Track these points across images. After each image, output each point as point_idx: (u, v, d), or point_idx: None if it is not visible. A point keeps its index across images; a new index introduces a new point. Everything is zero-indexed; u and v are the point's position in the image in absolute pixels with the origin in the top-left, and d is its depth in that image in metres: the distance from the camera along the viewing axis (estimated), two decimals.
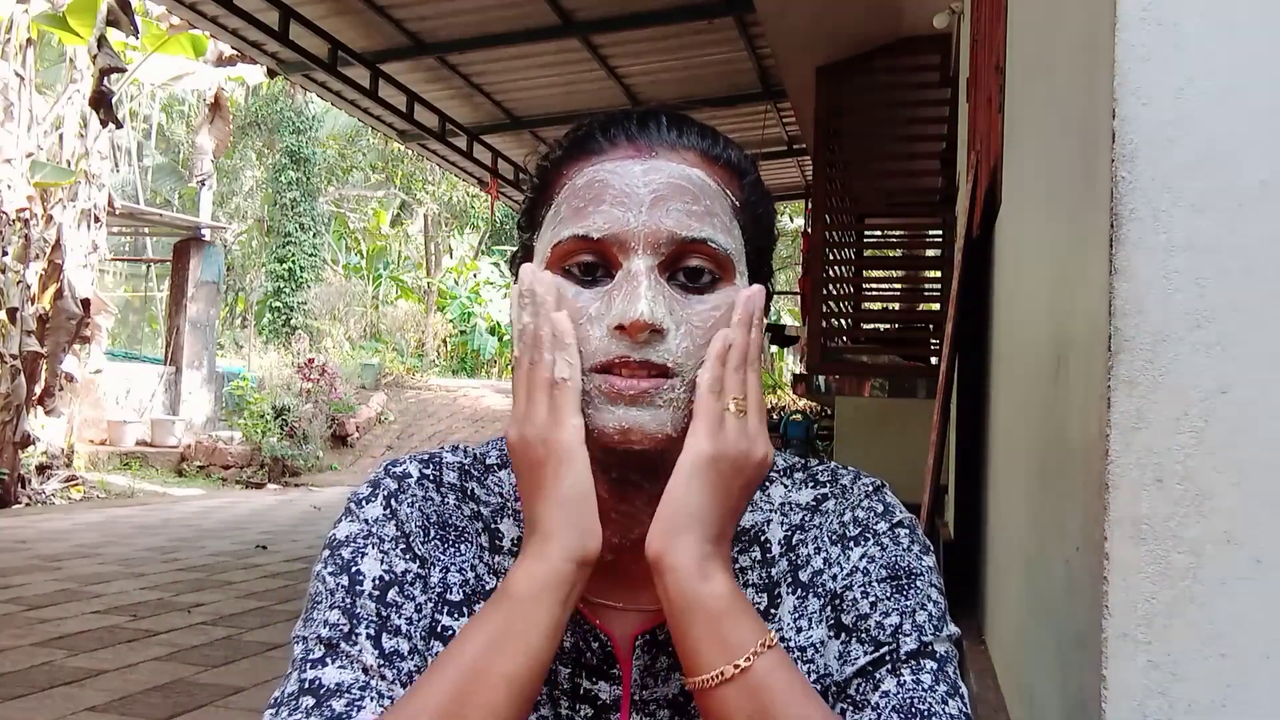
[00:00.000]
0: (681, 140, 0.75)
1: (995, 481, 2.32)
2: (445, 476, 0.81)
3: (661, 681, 0.77)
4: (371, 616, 0.72)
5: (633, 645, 0.77)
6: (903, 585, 0.75)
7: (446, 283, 21.49)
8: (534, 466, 0.69)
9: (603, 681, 0.76)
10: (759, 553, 0.79)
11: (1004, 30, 2.35)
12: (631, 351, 0.69)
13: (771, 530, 0.80)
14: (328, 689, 0.68)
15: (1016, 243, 1.98)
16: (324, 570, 0.75)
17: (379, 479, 0.79)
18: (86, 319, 9.34)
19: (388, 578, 0.74)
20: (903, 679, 0.70)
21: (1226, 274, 0.78)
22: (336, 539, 0.76)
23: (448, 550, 0.77)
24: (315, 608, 0.73)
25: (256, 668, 3.64)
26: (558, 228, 0.73)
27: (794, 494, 0.82)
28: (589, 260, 0.72)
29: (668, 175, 0.72)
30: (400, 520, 0.77)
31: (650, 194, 0.71)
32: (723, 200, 0.74)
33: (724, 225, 0.73)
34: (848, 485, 0.81)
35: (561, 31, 6.77)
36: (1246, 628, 0.76)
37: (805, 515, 0.80)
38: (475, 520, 0.80)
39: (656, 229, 0.70)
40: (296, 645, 0.73)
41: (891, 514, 0.79)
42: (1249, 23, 0.78)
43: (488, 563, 0.78)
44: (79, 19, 8.44)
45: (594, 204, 0.71)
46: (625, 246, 0.70)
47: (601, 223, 0.71)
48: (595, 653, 0.77)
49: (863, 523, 0.78)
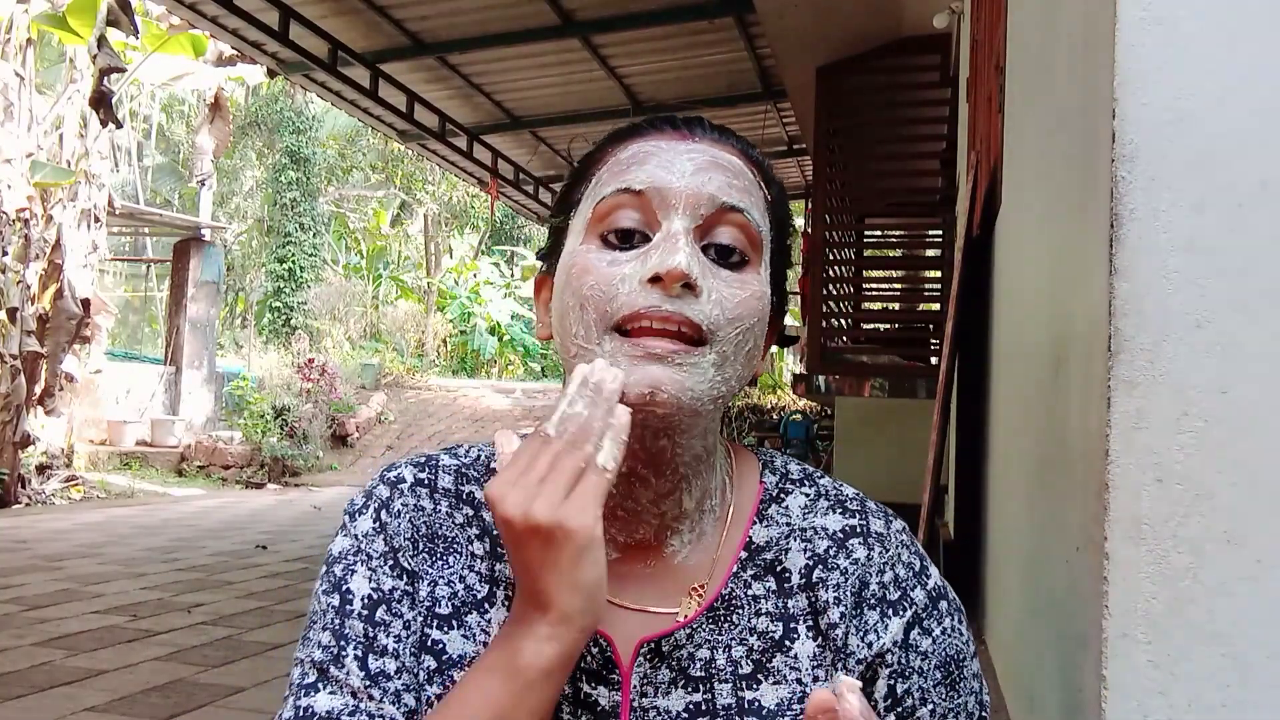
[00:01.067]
0: (721, 139, 0.78)
1: (995, 481, 2.32)
2: (440, 481, 0.80)
3: (662, 694, 0.75)
4: (359, 637, 0.73)
5: (635, 652, 0.75)
6: (954, 680, 0.77)
7: (446, 283, 21.49)
8: (544, 547, 0.65)
9: (602, 687, 0.75)
10: (774, 583, 0.77)
11: (1004, 30, 2.35)
12: (664, 302, 0.69)
13: (791, 559, 0.77)
14: (320, 717, 0.70)
15: (1016, 243, 1.98)
16: (319, 589, 0.76)
17: (373, 487, 0.79)
18: (86, 319, 9.34)
19: (375, 596, 0.74)
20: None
21: (1226, 274, 0.78)
22: (332, 555, 0.77)
23: (436, 563, 0.77)
24: (311, 628, 0.75)
25: (256, 668, 3.63)
26: (600, 188, 0.75)
27: (818, 517, 0.79)
28: (628, 227, 0.73)
29: (710, 155, 0.75)
30: (390, 534, 0.77)
31: (693, 165, 0.73)
32: (757, 191, 0.77)
33: (759, 207, 0.76)
34: (881, 531, 0.78)
35: (561, 31, 6.77)
36: (1246, 628, 0.76)
37: (830, 547, 0.77)
38: (469, 526, 0.79)
39: (698, 191, 0.72)
40: (294, 668, 0.74)
41: (926, 574, 0.78)
42: (1249, 23, 0.78)
43: (480, 571, 0.77)
44: (79, 19, 8.44)
45: (638, 165, 0.74)
46: (666, 203, 0.72)
47: (645, 177, 0.73)
48: (595, 657, 0.75)
49: (901, 585, 0.77)
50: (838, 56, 5.70)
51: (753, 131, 8.29)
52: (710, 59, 7.34)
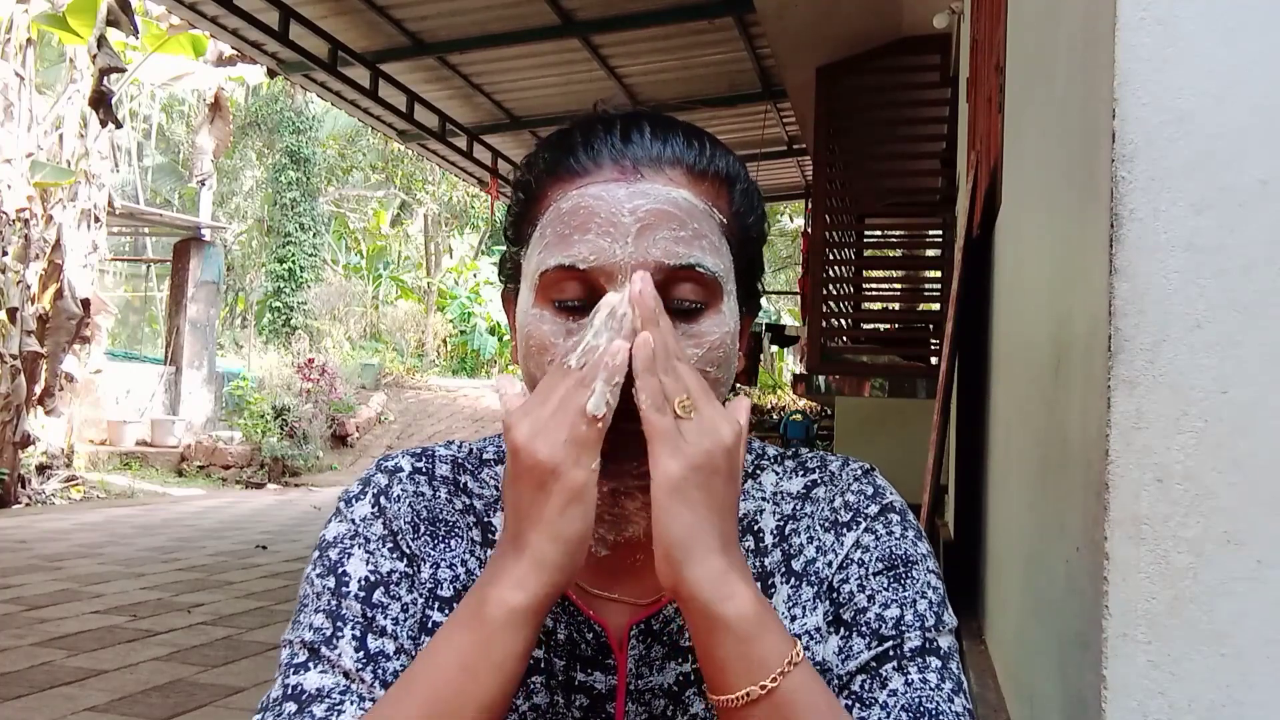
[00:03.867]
0: (666, 154, 0.73)
1: (995, 481, 2.32)
2: (438, 470, 0.81)
3: (656, 671, 0.77)
4: (356, 618, 0.73)
5: (627, 635, 0.77)
6: (900, 575, 0.75)
7: (446, 283, 21.49)
8: (537, 487, 0.65)
9: (597, 672, 0.77)
10: (752, 542, 0.80)
11: (1004, 30, 2.35)
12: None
13: (764, 520, 0.81)
14: (309, 694, 0.70)
15: (1016, 243, 1.98)
16: (312, 572, 0.76)
17: (370, 476, 0.80)
18: (86, 319, 9.34)
19: (373, 578, 0.75)
20: (909, 677, 0.71)
21: (1226, 274, 0.77)
22: (326, 540, 0.77)
23: (438, 546, 0.78)
24: (302, 610, 0.75)
25: (256, 668, 3.63)
26: (544, 253, 0.72)
27: (785, 483, 0.82)
28: (576, 295, 0.71)
29: (653, 200, 0.71)
30: (389, 519, 0.77)
31: (636, 223, 0.70)
32: (709, 220, 0.73)
33: (712, 246, 0.72)
34: (836, 471, 0.82)
35: (561, 31, 6.76)
36: (1246, 628, 0.76)
37: (796, 504, 0.81)
38: (467, 514, 0.80)
39: (644, 260, 0.69)
40: (283, 649, 0.74)
41: (881, 496, 0.80)
42: (1248, 23, 0.78)
43: (479, 556, 0.79)
44: (79, 19, 8.44)
45: (579, 231, 0.70)
46: (612, 277, 0.69)
47: (587, 253, 0.69)
48: (590, 643, 0.77)
49: (853, 507, 0.79)
50: (838, 56, 5.70)
51: (753, 132, 8.29)
52: (710, 59, 7.34)
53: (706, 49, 7.14)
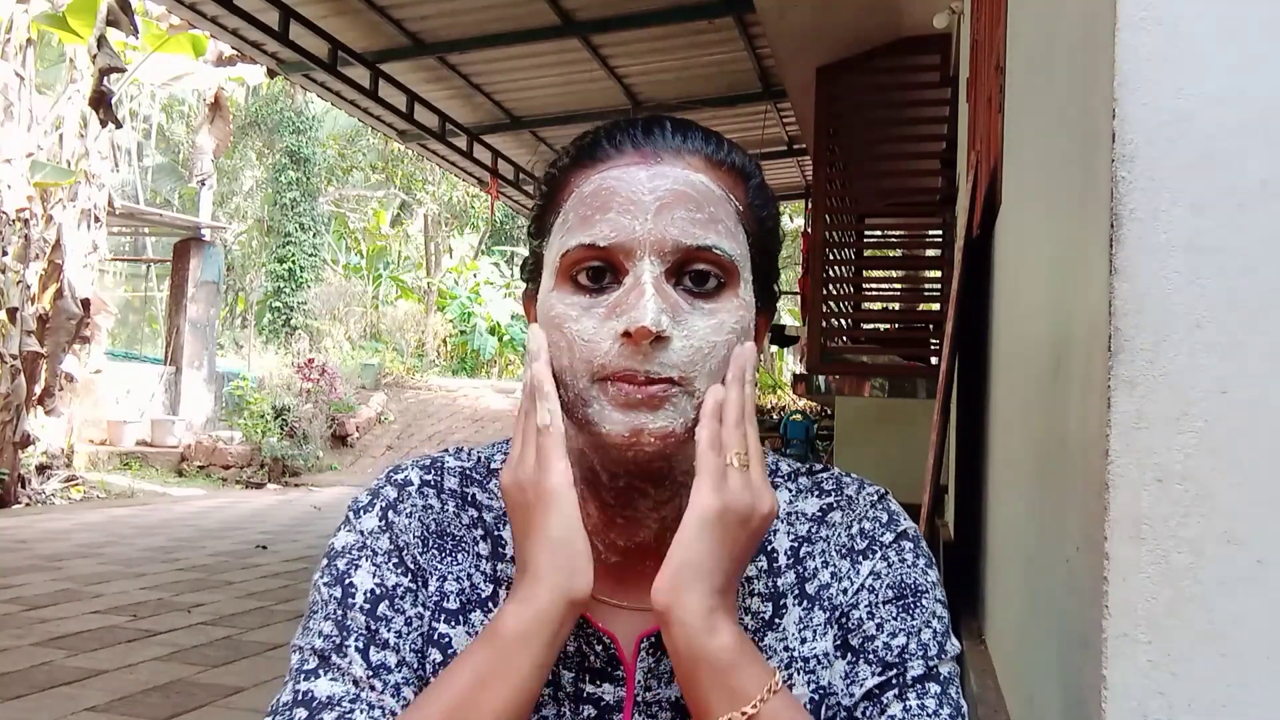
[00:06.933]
0: (686, 145, 0.76)
1: (995, 481, 2.32)
2: (446, 482, 0.82)
3: (665, 684, 0.77)
4: (361, 629, 0.74)
5: (637, 647, 0.77)
6: (909, 605, 0.77)
7: (446, 283, 21.49)
8: (525, 509, 0.70)
9: (606, 684, 0.77)
10: (765, 562, 0.80)
11: (1004, 30, 2.35)
12: (638, 364, 0.70)
13: (778, 540, 0.81)
14: (320, 701, 0.71)
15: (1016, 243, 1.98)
16: (320, 580, 0.77)
17: (379, 487, 0.81)
18: (86, 319, 9.34)
19: (378, 591, 0.76)
20: (908, 704, 0.73)
21: (1226, 274, 0.77)
22: (334, 549, 0.78)
23: (445, 559, 0.79)
24: (312, 617, 0.76)
25: (256, 668, 3.64)
26: (565, 236, 0.74)
27: (800, 503, 0.83)
28: (597, 266, 0.73)
29: (672, 181, 0.73)
30: (396, 533, 0.78)
31: (655, 201, 0.72)
32: (726, 206, 0.75)
33: (729, 230, 0.74)
34: (853, 496, 0.82)
35: (561, 31, 6.77)
36: (1246, 628, 0.76)
37: (812, 527, 0.81)
38: (475, 527, 0.81)
39: (662, 237, 0.71)
40: (294, 655, 0.75)
41: (895, 523, 0.80)
42: (1249, 22, 0.78)
43: (485, 570, 0.79)
44: (79, 19, 8.44)
45: (600, 211, 0.72)
46: (631, 254, 0.71)
47: (608, 231, 0.72)
48: (599, 655, 0.77)
49: (869, 534, 0.80)
50: (838, 56, 5.69)
51: (753, 132, 8.29)
52: (710, 59, 7.34)
53: (706, 49, 7.14)
